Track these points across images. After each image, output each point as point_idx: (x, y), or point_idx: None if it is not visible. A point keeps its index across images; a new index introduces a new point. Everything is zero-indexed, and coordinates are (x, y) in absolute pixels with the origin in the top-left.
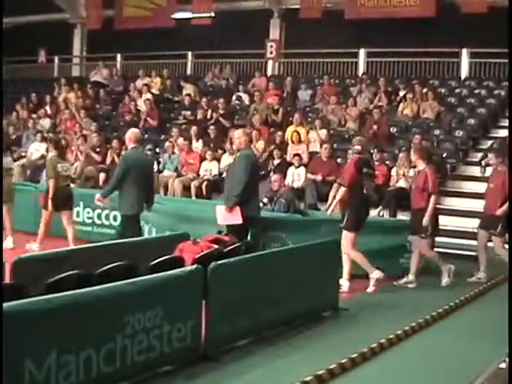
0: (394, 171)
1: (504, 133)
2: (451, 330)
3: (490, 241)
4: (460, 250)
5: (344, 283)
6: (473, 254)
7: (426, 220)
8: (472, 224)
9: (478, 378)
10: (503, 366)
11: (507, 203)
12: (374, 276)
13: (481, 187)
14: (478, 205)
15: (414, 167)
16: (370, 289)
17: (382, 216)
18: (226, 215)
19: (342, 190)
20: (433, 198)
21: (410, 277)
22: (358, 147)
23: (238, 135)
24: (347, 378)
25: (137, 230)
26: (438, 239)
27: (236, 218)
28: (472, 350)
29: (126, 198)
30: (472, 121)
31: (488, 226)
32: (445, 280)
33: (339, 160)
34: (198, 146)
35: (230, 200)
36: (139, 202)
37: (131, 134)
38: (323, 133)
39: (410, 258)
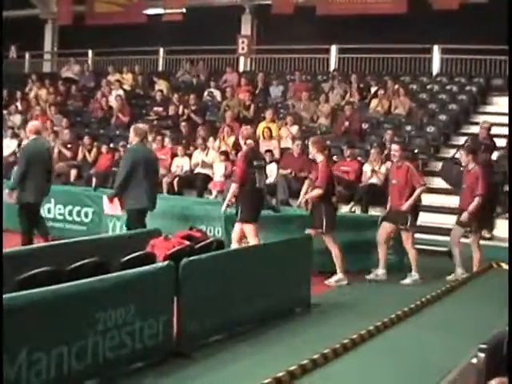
0: (365, 167)
1: (475, 129)
2: (423, 325)
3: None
4: (431, 246)
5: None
6: (444, 249)
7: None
8: (444, 220)
9: (450, 373)
10: (475, 360)
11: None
12: None
13: None
14: (450, 201)
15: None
16: None
17: (354, 212)
18: (108, 205)
19: (234, 186)
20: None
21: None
22: (250, 140)
23: (131, 132)
24: (319, 374)
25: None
26: None
27: (116, 209)
28: (444, 345)
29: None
30: (443, 117)
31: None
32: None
33: (311, 156)
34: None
35: (111, 192)
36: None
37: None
38: (294, 129)
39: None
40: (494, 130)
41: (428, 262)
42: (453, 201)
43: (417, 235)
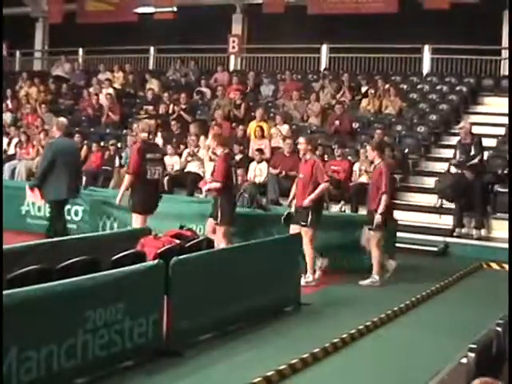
0: (355, 167)
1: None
2: (412, 325)
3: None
4: (421, 246)
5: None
6: (434, 249)
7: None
8: (433, 220)
9: (439, 373)
10: (464, 360)
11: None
12: None
13: None
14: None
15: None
16: None
17: (344, 211)
18: (30, 194)
19: (127, 177)
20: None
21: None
22: (145, 134)
23: (54, 126)
24: (309, 373)
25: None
26: (400, 234)
27: (36, 198)
28: (433, 345)
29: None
30: (434, 116)
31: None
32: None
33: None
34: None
35: (32, 182)
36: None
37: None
38: (285, 128)
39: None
40: (485, 130)
41: (418, 262)
42: (444, 200)
43: (408, 235)
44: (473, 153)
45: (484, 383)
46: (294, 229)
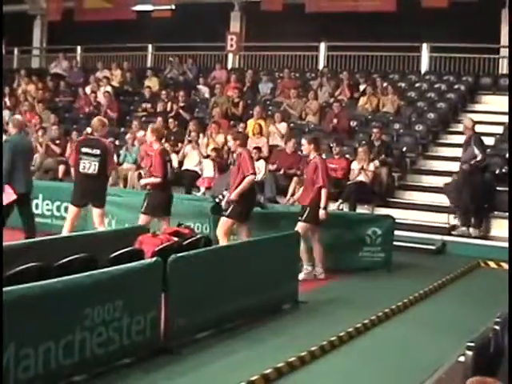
0: (353, 165)
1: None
2: (410, 323)
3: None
4: (419, 244)
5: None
6: (432, 247)
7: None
8: (431, 218)
9: (436, 372)
10: (462, 359)
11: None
12: None
13: (441, 181)
14: (438, 198)
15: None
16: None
17: (342, 209)
18: (5, 196)
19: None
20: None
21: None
22: (90, 129)
23: (10, 123)
24: (307, 371)
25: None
26: (397, 232)
27: (9, 196)
28: (430, 344)
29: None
30: (432, 115)
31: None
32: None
33: (300, 153)
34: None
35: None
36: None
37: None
38: (283, 126)
39: (370, 252)
40: (483, 129)
41: (415, 260)
42: (442, 199)
43: (405, 233)
44: (477, 152)
45: (479, 382)
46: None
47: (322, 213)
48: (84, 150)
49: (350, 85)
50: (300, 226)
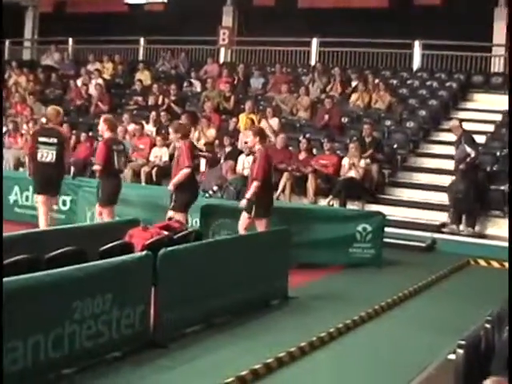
0: (344, 161)
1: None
2: (399, 320)
3: None
4: (409, 241)
5: None
6: (422, 245)
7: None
8: (422, 215)
9: (426, 369)
10: (452, 356)
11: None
12: None
13: (431, 178)
14: (428, 196)
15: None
16: None
17: (332, 205)
18: None
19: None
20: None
21: None
22: (44, 119)
23: None
24: (296, 367)
25: None
26: (388, 229)
27: None
28: (420, 341)
29: None
30: (423, 112)
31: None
32: None
33: (291, 148)
34: (151, 129)
35: None
36: None
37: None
38: (274, 121)
39: (360, 248)
40: (474, 127)
41: (405, 257)
42: (432, 196)
43: (396, 230)
44: (469, 150)
45: (495, 382)
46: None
47: (243, 201)
48: (41, 139)
49: (341, 81)
50: (242, 218)
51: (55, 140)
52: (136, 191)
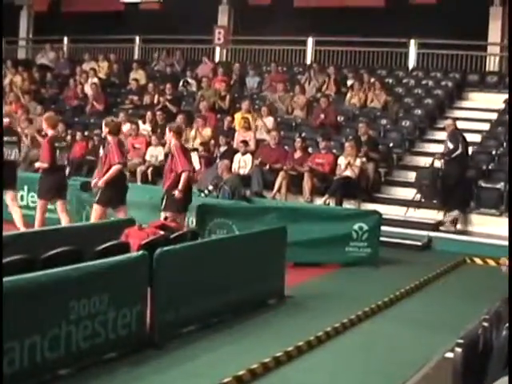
0: (340, 160)
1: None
2: (396, 319)
3: None
4: (404, 240)
5: None
6: (418, 243)
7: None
8: (417, 214)
9: (423, 367)
10: (449, 355)
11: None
12: None
13: None
14: None
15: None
16: None
17: (328, 204)
18: None
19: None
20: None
21: None
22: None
23: None
24: (293, 366)
25: None
26: (384, 228)
27: None
28: (417, 340)
29: None
30: (419, 111)
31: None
32: None
33: (286, 148)
34: (146, 128)
35: None
36: None
37: None
38: (270, 120)
39: (356, 247)
40: (469, 126)
41: (401, 256)
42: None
43: (391, 229)
44: (452, 146)
45: None
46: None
47: (177, 193)
48: (5, 138)
49: (336, 80)
50: (162, 215)
51: (15, 138)
52: (132, 191)
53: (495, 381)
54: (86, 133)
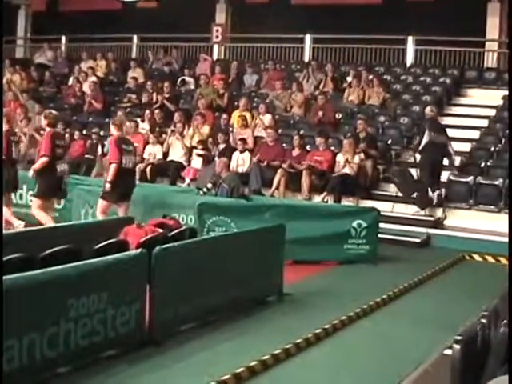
0: (339, 157)
1: (449, 120)
2: (395, 316)
3: None
4: (402, 237)
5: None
6: (417, 240)
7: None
8: (416, 211)
9: (422, 364)
10: (448, 352)
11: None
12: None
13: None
14: None
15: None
16: None
17: (327, 202)
18: None
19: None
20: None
21: None
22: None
23: None
24: (292, 363)
25: None
26: (382, 225)
27: None
28: (415, 337)
29: None
30: (417, 108)
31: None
32: None
33: (284, 145)
34: (145, 126)
35: None
36: None
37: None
38: (267, 118)
39: (355, 244)
40: (468, 122)
41: (400, 253)
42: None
43: (390, 226)
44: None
45: None
46: None
47: (107, 186)
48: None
49: (333, 77)
50: (99, 203)
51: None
52: None
53: (493, 377)
54: (84, 131)
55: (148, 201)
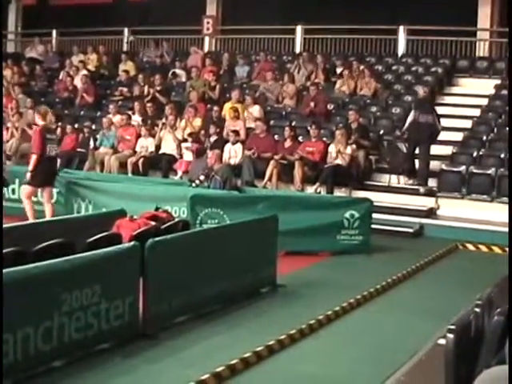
0: (331, 148)
1: (441, 110)
2: (388, 306)
3: None
4: (395, 227)
5: None
6: (410, 230)
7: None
8: (409, 201)
9: (416, 354)
10: (442, 341)
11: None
12: None
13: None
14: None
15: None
16: None
17: (319, 192)
18: None
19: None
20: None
21: None
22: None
23: None
24: (286, 354)
25: None
26: (375, 215)
27: None
28: (409, 326)
29: None
30: (409, 98)
31: None
32: None
33: (276, 137)
34: (137, 119)
35: None
36: None
37: None
38: (256, 109)
39: (348, 235)
40: (460, 112)
41: (393, 243)
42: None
43: (383, 216)
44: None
45: None
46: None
47: (28, 175)
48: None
49: (324, 68)
50: (23, 188)
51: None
52: (123, 182)
53: (487, 366)
54: (76, 125)
55: (140, 194)
